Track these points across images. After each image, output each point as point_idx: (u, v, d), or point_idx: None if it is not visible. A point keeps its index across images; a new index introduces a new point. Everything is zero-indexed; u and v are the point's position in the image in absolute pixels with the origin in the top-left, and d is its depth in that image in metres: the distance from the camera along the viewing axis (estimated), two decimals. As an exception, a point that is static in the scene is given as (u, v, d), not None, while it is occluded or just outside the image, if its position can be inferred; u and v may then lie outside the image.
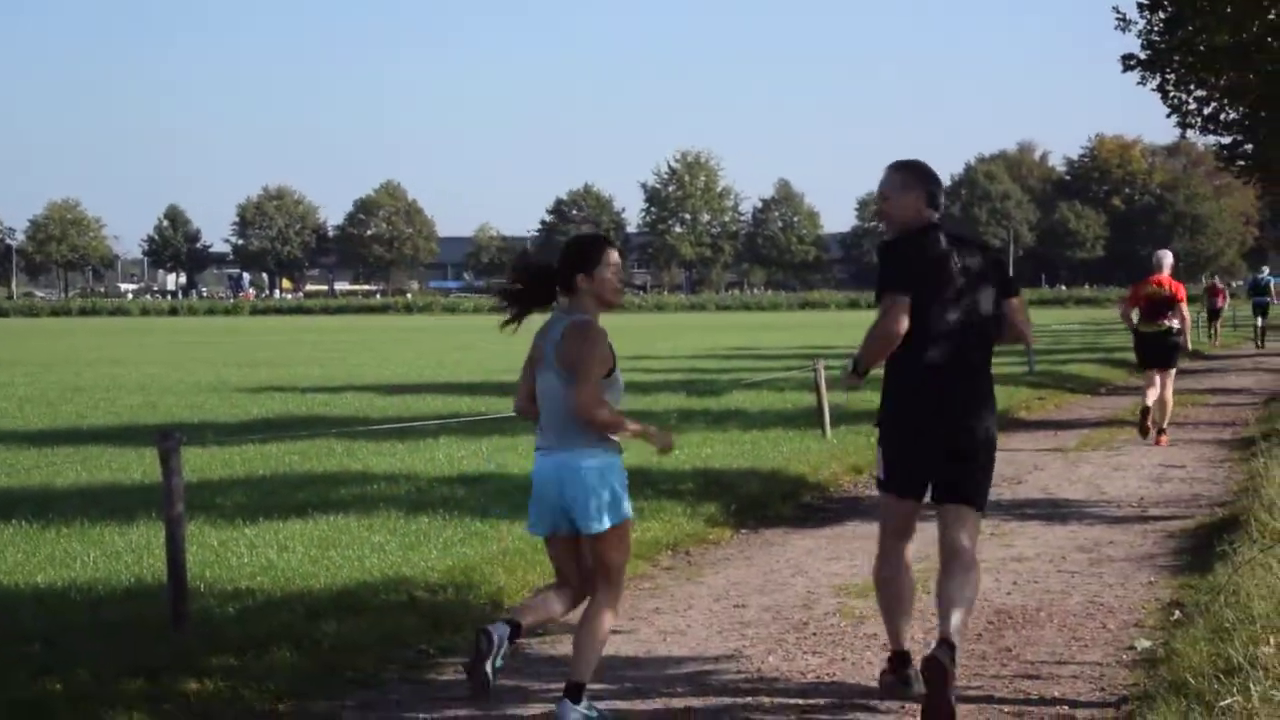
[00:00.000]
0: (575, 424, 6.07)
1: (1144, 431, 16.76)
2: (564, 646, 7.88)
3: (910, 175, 6.60)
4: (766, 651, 7.65)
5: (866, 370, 6.58)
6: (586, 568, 6.30)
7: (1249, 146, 21.65)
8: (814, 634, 8.04)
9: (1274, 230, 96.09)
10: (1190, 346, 17.55)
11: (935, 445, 6.48)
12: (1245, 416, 19.92)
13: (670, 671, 7.31)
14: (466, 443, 16.16)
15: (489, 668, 6.03)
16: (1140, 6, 19.56)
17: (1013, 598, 8.86)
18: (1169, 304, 16.43)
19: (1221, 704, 5.57)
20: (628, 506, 6.22)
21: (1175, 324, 16.48)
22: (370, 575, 8.83)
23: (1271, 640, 6.19)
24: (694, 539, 10.89)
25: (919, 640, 7.28)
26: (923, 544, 7.11)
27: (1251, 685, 5.64)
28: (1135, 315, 16.87)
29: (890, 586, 6.72)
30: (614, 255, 6.21)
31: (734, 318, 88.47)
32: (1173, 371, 16.90)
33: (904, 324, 6.34)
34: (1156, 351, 16.67)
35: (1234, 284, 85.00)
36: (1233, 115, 18.73)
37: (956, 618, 6.25)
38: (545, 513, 6.23)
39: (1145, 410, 16.73)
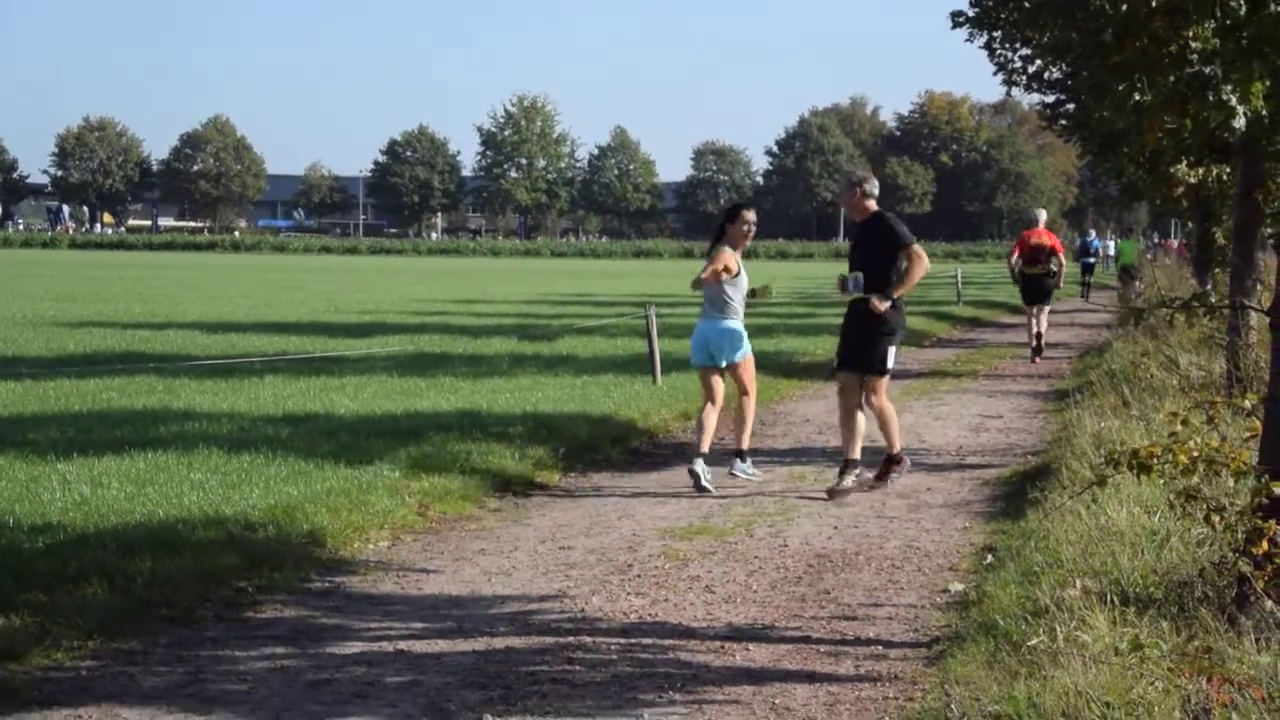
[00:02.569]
0: (733, 303, 11.03)
1: (1036, 356, 21.01)
2: (385, 586, 7.84)
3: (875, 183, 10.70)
4: (591, 592, 7.69)
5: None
6: (718, 386, 11.13)
7: (1070, 106, 22.10)
8: (638, 575, 8.09)
9: (1093, 189, 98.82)
10: (1062, 284, 22.28)
11: None
12: (1062, 369, 20.51)
13: (494, 611, 7.30)
14: (292, 382, 15.89)
15: (705, 482, 10.56)
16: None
17: (833, 542, 9.02)
18: (1048, 252, 20.91)
19: (1029, 644, 5.73)
20: (749, 347, 11.18)
21: (1054, 267, 20.97)
22: (189, 513, 8.64)
23: (1077, 583, 6.39)
24: (521, 481, 10.87)
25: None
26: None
27: (1057, 626, 5.81)
28: (1018, 262, 21.15)
29: None
30: (749, 214, 11.19)
31: (568, 264, 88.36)
32: (1048, 306, 21.50)
33: None
34: (1037, 290, 21.05)
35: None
36: (1055, 74, 19.10)
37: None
38: (702, 351, 11.08)
39: (1037, 337, 21.02)
